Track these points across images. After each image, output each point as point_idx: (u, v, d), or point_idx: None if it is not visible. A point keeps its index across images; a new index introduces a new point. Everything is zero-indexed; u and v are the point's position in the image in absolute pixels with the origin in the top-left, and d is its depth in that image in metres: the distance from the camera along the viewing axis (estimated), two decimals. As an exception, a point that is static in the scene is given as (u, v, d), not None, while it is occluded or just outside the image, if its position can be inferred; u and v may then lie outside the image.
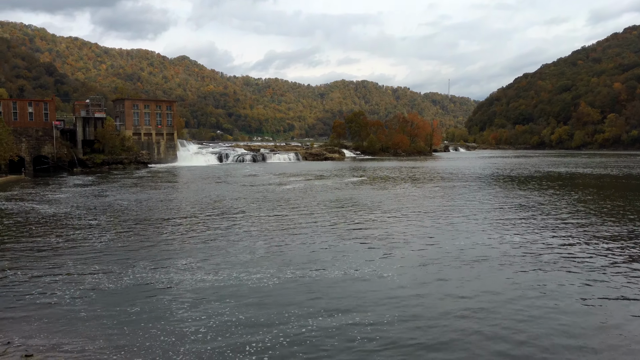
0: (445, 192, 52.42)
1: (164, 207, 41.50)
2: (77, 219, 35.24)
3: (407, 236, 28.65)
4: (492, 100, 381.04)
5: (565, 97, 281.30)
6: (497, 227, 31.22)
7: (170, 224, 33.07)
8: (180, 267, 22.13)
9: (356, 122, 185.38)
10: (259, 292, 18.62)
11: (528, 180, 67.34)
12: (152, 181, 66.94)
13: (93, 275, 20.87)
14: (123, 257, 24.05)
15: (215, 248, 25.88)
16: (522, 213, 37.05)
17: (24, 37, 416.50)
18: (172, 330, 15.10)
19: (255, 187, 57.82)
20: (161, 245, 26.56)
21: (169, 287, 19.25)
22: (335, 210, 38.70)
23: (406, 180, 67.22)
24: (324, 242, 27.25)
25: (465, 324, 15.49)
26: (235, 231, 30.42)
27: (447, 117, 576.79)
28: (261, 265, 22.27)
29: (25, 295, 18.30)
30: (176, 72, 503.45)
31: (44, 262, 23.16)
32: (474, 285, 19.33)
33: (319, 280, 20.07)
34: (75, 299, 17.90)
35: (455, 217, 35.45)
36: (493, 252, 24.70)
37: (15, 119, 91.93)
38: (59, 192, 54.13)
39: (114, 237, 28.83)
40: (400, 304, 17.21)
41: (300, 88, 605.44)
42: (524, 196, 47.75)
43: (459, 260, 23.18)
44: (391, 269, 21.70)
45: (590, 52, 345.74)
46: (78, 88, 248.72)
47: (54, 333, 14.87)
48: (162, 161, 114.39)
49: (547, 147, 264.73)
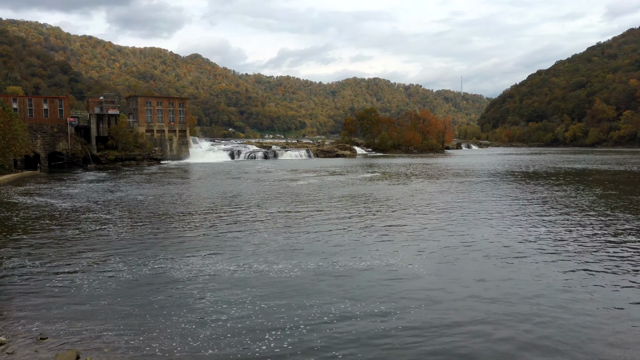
0: (463, 187, 51.79)
1: (179, 201, 41.58)
2: (93, 212, 35.41)
3: (429, 229, 28.33)
4: (505, 97, 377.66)
5: (580, 93, 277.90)
6: (523, 222, 30.55)
7: (187, 217, 33.03)
8: (199, 257, 22.04)
9: (368, 119, 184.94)
10: (280, 281, 18.52)
11: (547, 176, 66.25)
12: (166, 177, 67.27)
13: (112, 265, 20.91)
14: (141, 248, 24.05)
15: (235, 240, 25.74)
16: (547, 208, 36.29)
17: (39, 35, 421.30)
18: (193, 317, 15.03)
19: (269, 183, 57.76)
20: (179, 237, 26.54)
21: (189, 276, 19.20)
22: (352, 205, 38.45)
23: (421, 176, 66.74)
24: (344, 234, 27.02)
25: (489, 307, 15.25)
26: (253, 224, 30.20)
27: (459, 115, 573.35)
28: (282, 256, 22.14)
29: (44, 284, 18.37)
30: (188, 70, 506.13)
31: (62, 253, 23.24)
32: (500, 282, 18.96)
33: (341, 271, 19.91)
34: (95, 287, 17.93)
35: (476, 211, 34.87)
36: (521, 246, 24.12)
37: (31, 116, 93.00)
38: (73, 187, 54.57)
39: (131, 229, 28.86)
40: (427, 296, 16.90)
41: (311, 86, 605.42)
42: (546, 192, 46.85)
43: (483, 253, 22.83)
44: (415, 260, 21.47)
45: (605, 48, 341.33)
46: (92, 86, 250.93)
47: (73, 319, 14.88)
48: (174, 158, 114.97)
49: (560, 144, 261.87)
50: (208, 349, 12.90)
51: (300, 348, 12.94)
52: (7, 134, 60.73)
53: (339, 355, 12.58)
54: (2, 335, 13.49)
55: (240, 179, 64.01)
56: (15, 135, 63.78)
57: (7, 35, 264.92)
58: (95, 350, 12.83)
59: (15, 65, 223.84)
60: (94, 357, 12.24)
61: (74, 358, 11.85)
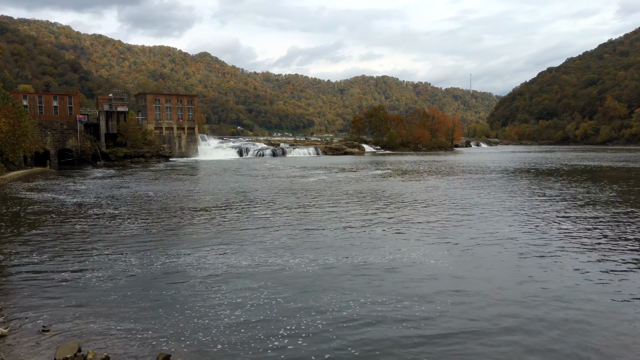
0: (478, 184, 50.73)
1: (189, 197, 41.06)
2: (102, 208, 34.90)
3: (449, 226, 27.40)
4: (515, 95, 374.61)
5: (591, 91, 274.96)
6: (546, 219, 29.35)
7: (198, 213, 32.37)
8: (213, 253, 21.41)
9: (376, 116, 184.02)
10: (297, 276, 17.84)
11: (564, 173, 64.88)
12: (175, 174, 67.03)
13: (121, 260, 20.34)
14: (152, 243, 23.41)
15: (248, 235, 24.95)
16: (569, 205, 35.17)
17: (49, 34, 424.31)
18: (206, 312, 14.43)
19: (279, 179, 57.17)
20: (192, 233, 25.84)
21: (203, 272, 18.53)
22: (367, 201, 37.70)
23: (434, 173, 65.82)
24: (361, 229, 26.32)
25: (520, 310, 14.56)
26: (265, 219, 29.50)
27: (468, 113, 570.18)
28: (298, 251, 21.48)
29: (51, 277, 17.88)
30: (197, 69, 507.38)
31: (70, 247, 22.74)
32: (529, 282, 18.15)
33: (361, 267, 19.11)
34: (103, 281, 17.39)
35: (495, 208, 33.82)
36: (547, 244, 23.05)
37: (41, 113, 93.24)
38: (82, 183, 54.35)
39: (141, 224, 28.31)
40: (455, 296, 16.00)
41: (320, 84, 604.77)
42: (566, 188, 45.55)
43: (507, 249, 21.97)
44: (439, 256, 20.58)
45: (617, 45, 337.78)
46: (102, 84, 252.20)
47: (78, 313, 14.34)
48: (183, 155, 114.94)
49: (571, 142, 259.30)
50: (218, 344, 12.30)
51: (317, 347, 12.27)
52: (17, 131, 60.75)
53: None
54: (5, 327, 13.04)
55: (249, 175, 63.49)
56: (25, 132, 63.81)
57: (19, 34, 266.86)
58: (99, 343, 12.28)
59: (26, 64, 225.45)
60: (97, 350, 11.74)
61: (76, 350, 11.32)
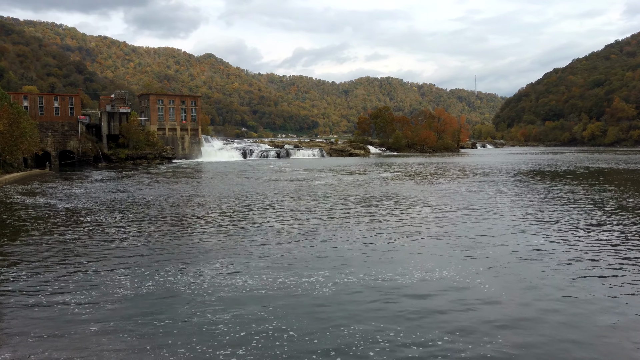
0: (495, 188, 47.99)
1: (190, 203, 38.77)
2: (96, 215, 32.44)
3: (477, 236, 24.88)
4: (521, 96, 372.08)
5: (598, 92, 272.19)
6: (586, 230, 26.52)
7: (199, 221, 29.90)
8: (214, 270, 19.00)
9: (382, 117, 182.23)
10: (311, 302, 15.36)
11: (583, 176, 62.19)
12: (176, 176, 65.07)
13: (109, 280, 17.97)
14: (146, 258, 21.12)
15: (255, 248, 22.51)
16: (606, 213, 32.58)
17: (55, 36, 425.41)
18: (202, 353, 11.98)
19: (285, 183, 54.87)
20: (190, 245, 23.63)
21: (202, 295, 16.12)
22: (380, 207, 35.21)
23: (444, 176, 63.45)
24: (380, 241, 23.88)
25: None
26: (275, 229, 26.98)
27: (473, 114, 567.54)
28: (311, 268, 19.06)
29: (25, 302, 15.41)
30: (202, 70, 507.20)
31: (53, 263, 20.33)
32: (578, 303, 16.01)
33: (386, 287, 16.66)
34: (85, 308, 14.96)
35: (522, 216, 31.13)
36: (592, 259, 20.38)
37: (42, 114, 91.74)
38: (80, 187, 52.17)
39: (136, 235, 25.90)
40: (504, 326, 13.57)
41: (324, 85, 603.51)
42: (593, 193, 42.64)
43: (547, 264, 19.44)
44: (473, 274, 18.14)
45: (624, 45, 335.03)
46: (107, 86, 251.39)
47: (50, 350, 12.04)
48: (186, 157, 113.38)
49: (578, 143, 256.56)
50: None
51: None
52: (15, 132, 59.24)
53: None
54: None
55: (253, 178, 61.28)
56: (24, 133, 62.23)
57: (24, 36, 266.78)
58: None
59: (31, 65, 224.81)
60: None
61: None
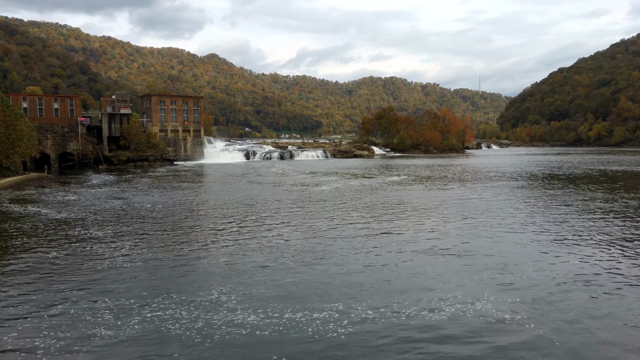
0: (510, 195, 44.75)
1: (188, 214, 36.05)
2: (86, 228, 29.73)
3: (507, 256, 22.20)
4: (525, 95, 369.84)
5: (604, 91, 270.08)
6: (624, 246, 24.09)
7: (197, 238, 26.76)
8: (211, 302, 16.17)
9: (386, 118, 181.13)
10: (324, 347, 13.13)
11: (594, 179, 59.94)
12: (176, 181, 63.61)
13: (89, 315, 15.12)
14: (135, 285, 18.18)
15: (257, 271, 19.80)
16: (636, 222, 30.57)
17: (59, 36, 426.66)
18: None
19: (290, 189, 52.45)
20: (185, 268, 20.51)
21: (195, 336, 13.46)
22: (392, 218, 32.59)
23: (454, 181, 60.33)
24: (397, 260, 21.33)
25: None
26: (278, 248, 23.93)
27: (477, 114, 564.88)
28: (323, 300, 16.35)
29: None
30: (205, 70, 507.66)
31: (29, 290, 17.50)
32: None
33: (412, 328, 14.16)
34: (57, 355, 12.39)
35: (554, 230, 28.35)
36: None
37: (41, 115, 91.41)
38: (75, 193, 50.37)
39: (128, 253, 23.09)
40: None
41: (328, 85, 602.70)
42: (615, 200, 40.05)
43: (596, 292, 17.42)
44: (513, 306, 15.85)
45: (630, 45, 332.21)
46: (110, 86, 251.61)
47: None
48: (188, 158, 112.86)
49: (584, 144, 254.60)
50: None
51: None
52: (12, 135, 58.75)
53: None
54: None
55: (256, 183, 59.36)
56: (21, 135, 61.68)
57: (28, 37, 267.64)
58: None
59: (35, 66, 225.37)
60: None
61: None
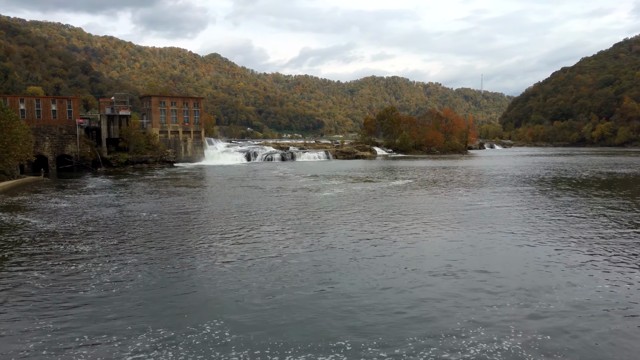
0: (520, 200, 43.20)
1: (184, 225, 33.80)
2: (75, 242, 27.77)
3: (523, 275, 20.88)
4: (528, 95, 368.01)
5: (608, 91, 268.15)
6: None
7: (192, 254, 24.76)
8: (203, 341, 14.48)
9: (388, 118, 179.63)
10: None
11: (606, 183, 58.44)
12: (175, 185, 62.12)
13: (68, 348, 13.67)
14: (122, 315, 16.14)
15: (256, 296, 18.13)
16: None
17: (61, 36, 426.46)
18: None
19: (292, 194, 50.68)
20: (178, 293, 18.74)
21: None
22: (400, 229, 30.87)
23: (460, 185, 58.44)
24: (411, 285, 19.68)
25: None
26: (280, 268, 21.93)
27: (479, 113, 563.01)
28: (331, 335, 14.83)
29: None
30: (207, 70, 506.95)
31: (5, 319, 16.01)
32: None
33: (433, 343, 13.50)
34: None
35: (567, 242, 26.83)
36: None
37: (39, 117, 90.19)
38: (69, 199, 48.33)
39: (116, 276, 20.89)
40: None
41: (329, 85, 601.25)
42: (628, 210, 38.11)
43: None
44: (538, 344, 14.36)
45: (633, 44, 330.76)
46: (112, 86, 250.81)
47: None
48: (189, 160, 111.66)
49: (587, 144, 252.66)
50: None
51: None
52: (7, 138, 57.61)
53: None
54: None
55: (257, 188, 57.63)
56: (16, 139, 60.49)
57: (30, 36, 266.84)
58: None
59: (37, 66, 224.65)
60: None
61: None
